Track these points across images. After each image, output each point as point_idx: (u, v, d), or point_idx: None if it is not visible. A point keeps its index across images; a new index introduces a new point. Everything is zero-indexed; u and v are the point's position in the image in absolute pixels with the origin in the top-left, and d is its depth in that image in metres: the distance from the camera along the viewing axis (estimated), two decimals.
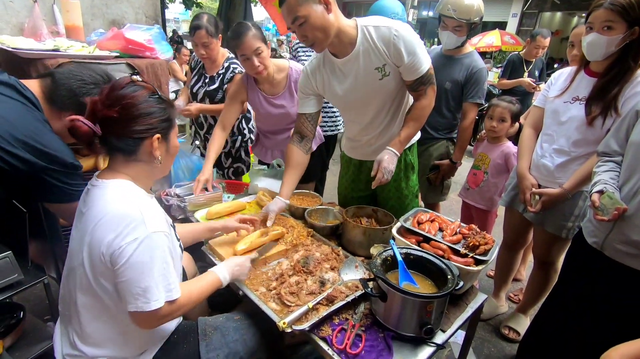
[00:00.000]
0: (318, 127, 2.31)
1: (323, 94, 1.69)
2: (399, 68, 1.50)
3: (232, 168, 2.63)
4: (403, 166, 1.80)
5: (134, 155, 1.05)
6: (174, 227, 1.22)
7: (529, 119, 1.93)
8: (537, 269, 2.02)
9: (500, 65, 9.54)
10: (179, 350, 1.17)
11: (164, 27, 2.96)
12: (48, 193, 1.25)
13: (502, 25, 11.22)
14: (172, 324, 1.21)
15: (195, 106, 2.27)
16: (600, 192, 1.28)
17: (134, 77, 1.12)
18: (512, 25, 11.63)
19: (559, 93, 1.71)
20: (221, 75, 2.32)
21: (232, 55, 2.36)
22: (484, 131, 2.41)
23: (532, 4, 10.97)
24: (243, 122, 2.52)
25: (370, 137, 1.74)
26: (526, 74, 3.80)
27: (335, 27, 1.42)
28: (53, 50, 1.67)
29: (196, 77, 2.38)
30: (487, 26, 10.68)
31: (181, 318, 1.29)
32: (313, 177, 2.47)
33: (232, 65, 2.31)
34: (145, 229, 0.96)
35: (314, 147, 2.32)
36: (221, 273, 1.22)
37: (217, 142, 2.03)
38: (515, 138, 2.36)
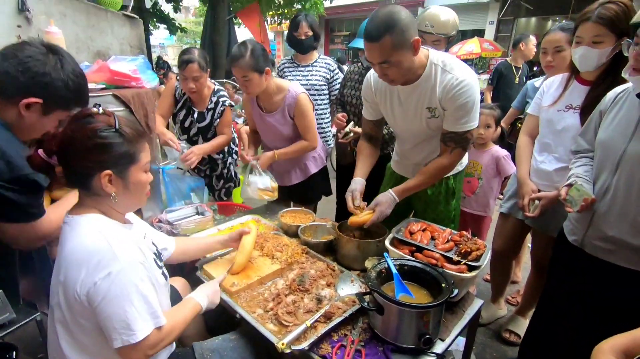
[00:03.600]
0: (321, 148, 2.34)
1: (379, 107, 1.73)
2: (444, 112, 1.53)
3: (223, 189, 2.64)
4: (444, 190, 1.80)
5: (90, 189, 1.01)
6: (157, 255, 1.21)
7: (525, 127, 1.96)
8: (535, 272, 2.03)
9: (482, 71, 9.80)
10: None
11: (149, 54, 2.99)
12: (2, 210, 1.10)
13: (480, 33, 11.55)
14: (164, 354, 1.18)
15: (196, 151, 2.23)
16: (570, 186, 1.32)
17: (94, 109, 1.01)
18: (490, 32, 11.98)
19: (553, 101, 1.73)
20: (211, 111, 2.34)
21: (217, 87, 2.38)
22: None
23: (507, 10, 11.33)
24: (231, 142, 2.55)
25: (416, 162, 1.77)
26: (517, 79, 3.88)
27: (416, 66, 1.47)
28: None
29: (184, 111, 2.37)
30: (466, 34, 10.98)
31: (174, 346, 1.27)
32: (315, 199, 2.47)
33: (220, 99, 2.34)
34: (118, 262, 0.94)
35: (316, 170, 2.31)
36: (200, 298, 1.22)
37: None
38: (498, 142, 2.41)
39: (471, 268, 1.33)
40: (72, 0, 2.27)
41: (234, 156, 2.64)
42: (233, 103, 2.42)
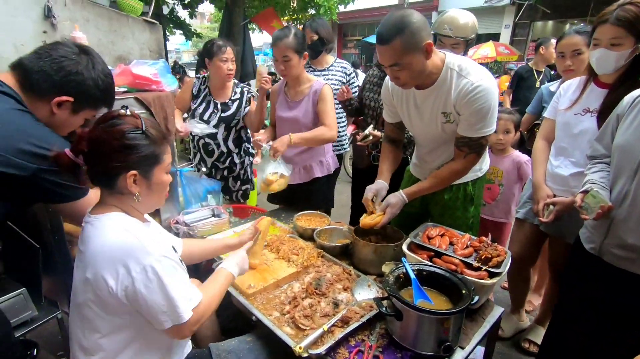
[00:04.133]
0: (330, 157, 2.33)
1: (397, 110, 1.73)
2: (459, 116, 1.50)
3: (240, 191, 2.65)
4: (462, 196, 1.75)
5: (115, 189, 1.03)
6: (174, 250, 1.23)
7: (541, 131, 1.92)
8: (554, 281, 1.98)
9: (496, 75, 9.67)
10: None
11: (166, 58, 3.07)
12: (49, 194, 1.13)
13: (495, 37, 11.42)
14: (182, 354, 1.20)
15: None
16: (586, 192, 1.29)
17: (122, 111, 1.05)
18: (505, 36, 11.83)
19: (569, 105, 1.68)
20: (237, 101, 2.44)
21: (236, 81, 2.50)
22: None
23: (523, 14, 11.17)
24: (246, 142, 2.58)
25: (434, 166, 1.74)
26: (538, 83, 3.77)
27: (429, 70, 1.45)
28: None
29: (204, 104, 2.42)
30: (480, 38, 10.85)
31: (191, 347, 1.28)
32: (316, 205, 2.45)
33: (244, 89, 2.48)
34: (150, 254, 0.97)
35: (320, 174, 2.28)
36: (230, 267, 1.24)
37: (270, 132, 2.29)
38: (518, 147, 2.36)
39: (492, 275, 1.30)
40: (95, 6, 2.33)
41: (252, 157, 2.66)
42: (255, 95, 2.49)
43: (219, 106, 2.41)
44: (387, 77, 1.70)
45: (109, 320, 1.02)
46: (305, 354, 1.09)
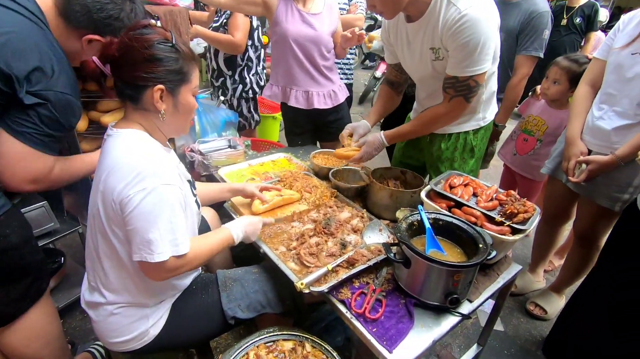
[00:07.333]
0: (341, 81, 2.25)
1: (395, 50, 1.57)
2: (447, 53, 1.31)
3: None
4: (461, 146, 1.60)
5: (139, 103, 1.00)
6: (191, 183, 1.19)
7: (586, 74, 1.64)
8: (577, 246, 1.84)
9: None
10: (198, 300, 1.20)
11: None
12: (20, 122, 1.00)
13: None
14: (190, 276, 1.23)
15: (199, 28, 2.10)
16: None
17: (152, 21, 1.03)
18: None
19: (627, 42, 1.42)
20: (225, 12, 2.27)
21: None
22: (538, 88, 2.11)
23: None
24: (245, 70, 2.44)
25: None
26: (565, 21, 3.03)
27: None
28: None
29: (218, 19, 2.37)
30: None
31: (200, 270, 1.30)
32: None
33: None
34: (155, 180, 0.94)
35: (342, 99, 2.20)
36: (234, 230, 1.19)
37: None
38: None
39: (515, 231, 1.20)
40: None
41: (246, 91, 2.49)
42: None
43: (215, 17, 2.34)
44: None
45: (111, 231, 1.01)
46: (307, 291, 1.08)
